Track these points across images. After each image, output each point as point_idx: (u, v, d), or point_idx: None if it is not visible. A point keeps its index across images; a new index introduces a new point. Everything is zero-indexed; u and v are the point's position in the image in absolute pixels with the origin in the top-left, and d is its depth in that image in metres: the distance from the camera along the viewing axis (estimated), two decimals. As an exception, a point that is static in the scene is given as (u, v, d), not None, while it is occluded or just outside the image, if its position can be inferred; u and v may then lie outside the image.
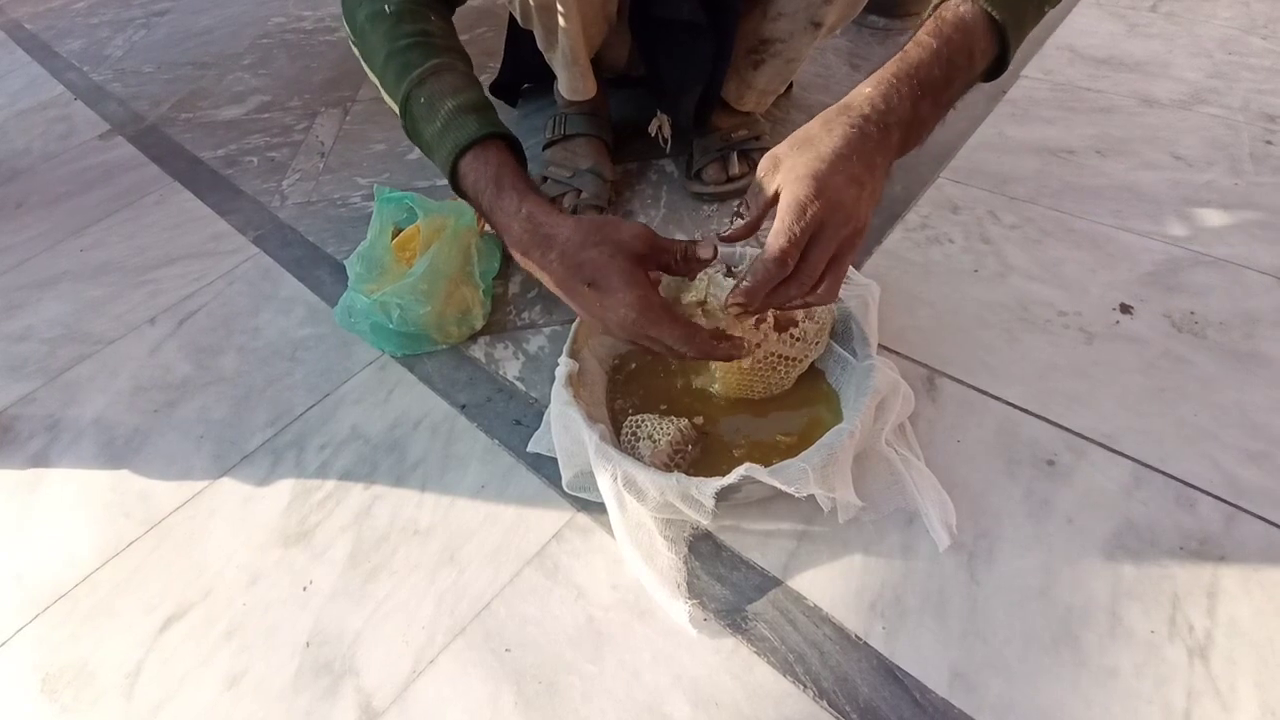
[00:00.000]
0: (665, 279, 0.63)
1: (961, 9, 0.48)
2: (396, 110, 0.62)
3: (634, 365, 0.67)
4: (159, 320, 0.86)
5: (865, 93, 0.48)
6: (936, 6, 0.50)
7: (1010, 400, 0.64)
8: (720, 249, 0.53)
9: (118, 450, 0.71)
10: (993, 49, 0.50)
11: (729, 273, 0.61)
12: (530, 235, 0.53)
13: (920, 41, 0.48)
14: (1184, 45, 1.11)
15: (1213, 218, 0.80)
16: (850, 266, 0.72)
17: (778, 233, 0.45)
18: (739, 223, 0.50)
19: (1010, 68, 0.52)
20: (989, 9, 0.48)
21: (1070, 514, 0.55)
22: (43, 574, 0.62)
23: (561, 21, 0.74)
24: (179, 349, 0.82)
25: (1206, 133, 0.92)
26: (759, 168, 0.49)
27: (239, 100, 1.31)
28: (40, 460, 0.72)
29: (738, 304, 0.47)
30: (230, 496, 0.66)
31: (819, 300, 0.49)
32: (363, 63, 0.65)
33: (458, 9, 0.69)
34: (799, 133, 0.48)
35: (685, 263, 0.53)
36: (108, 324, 0.86)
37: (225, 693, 0.53)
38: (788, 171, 0.47)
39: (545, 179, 0.90)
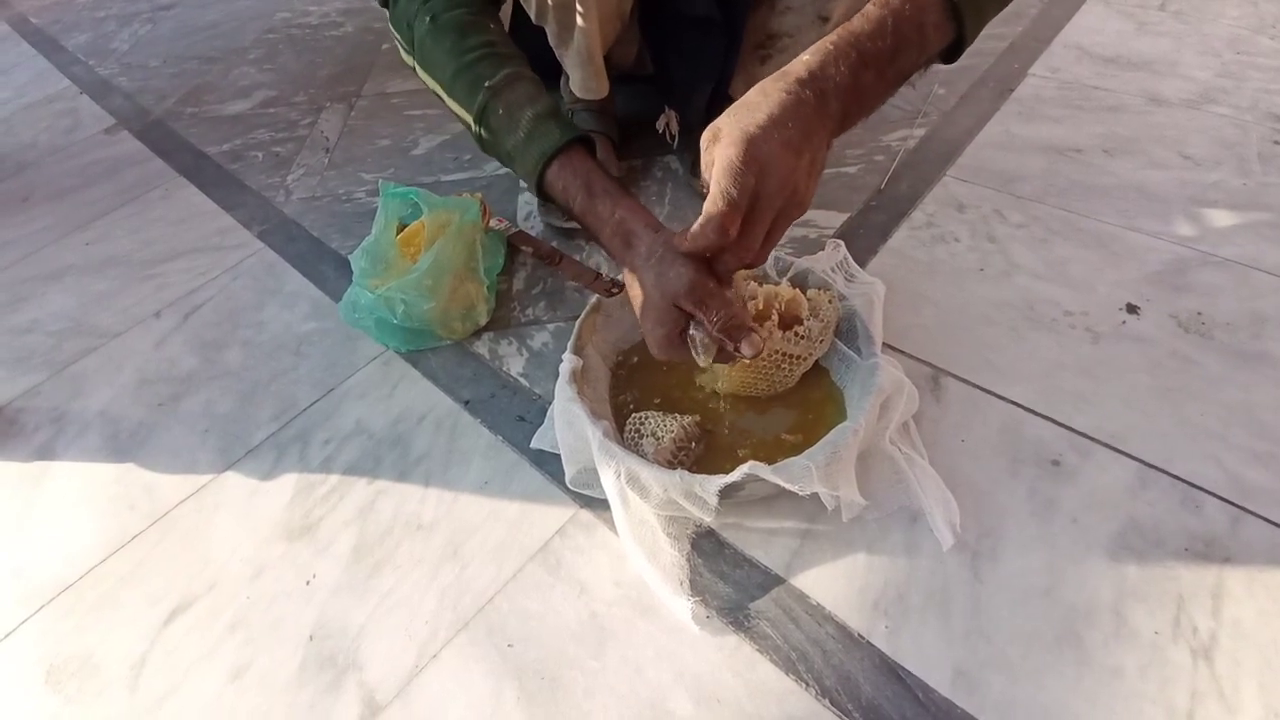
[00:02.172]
0: None
1: None
2: (471, 119, 0.63)
3: (636, 359, 0.67)
4: (164, 314, 0.86)
5: (804, 59, 0.47)
6: None
7: (1015, 399, 0.63)
8: None
9: (123, 443, 0.72)
10: (948, 26, 0.49)
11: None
12: (620, 240, 0.56)
13: (866, 12, 0.48)
14: (1192, 44, 1.10)
15: (1220, 218, 0.80)
16: (855, 264, 0.73)
17: (714, 198, 0.45)
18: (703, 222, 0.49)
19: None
20: None
21: (1075, 514, 0.55)
22: (47, 566, 0.62)
23: (579, 20, 0.74)
24: (184, 343, 0.82)
25: (1215, 132, 0.92)
26: (702, 140, 0.49)
27: (244, 95, 1.31)
28: (45, 453, 0.72)
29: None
30: (234, 490, 0.66)
31: (752, 265, 0.50)
32: (420, 71, 0.66)
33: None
34: (738, 101, 0.48)
35: (720, 333, 0.50)
36: (113, 317, 0.87)
37: (229, 685, 0.53)
38: (724, 139, 0.46)
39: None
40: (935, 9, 0.48)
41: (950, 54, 0.51)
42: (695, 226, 0.48)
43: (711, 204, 0.46)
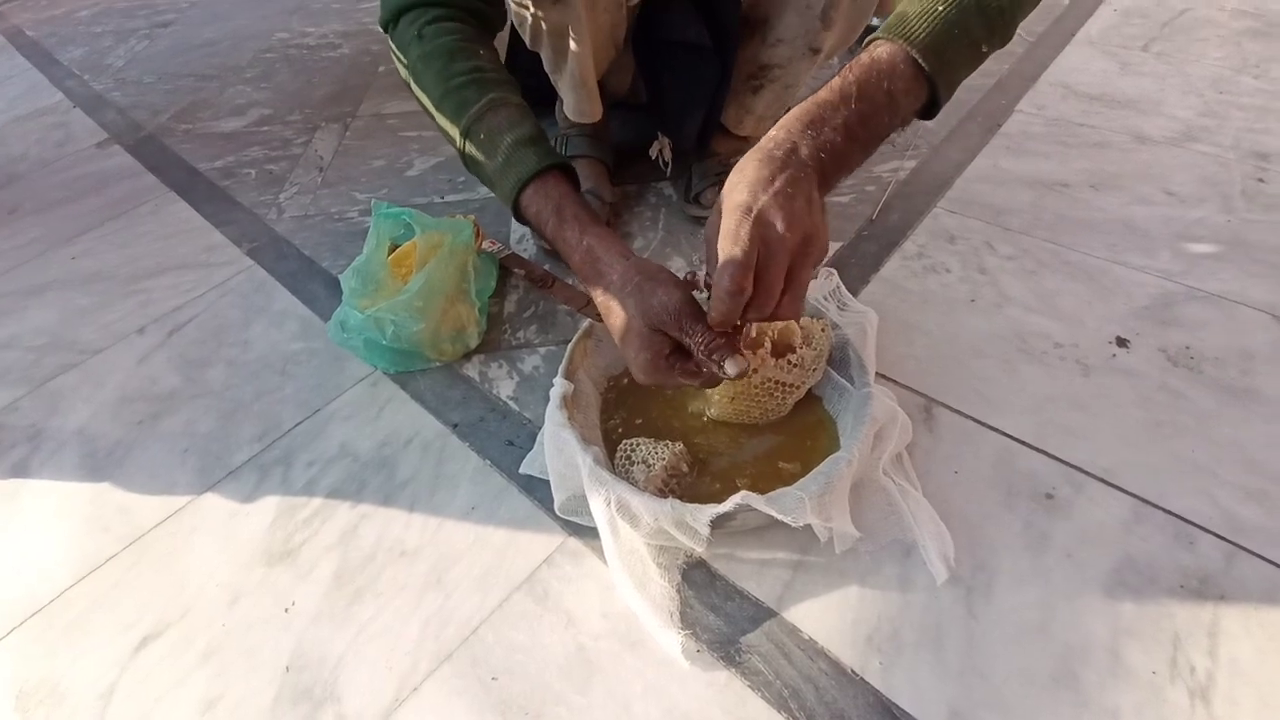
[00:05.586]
0: None
1: (879, 49, 0.50)
2: (456, 143, 0.64)
3: (627, 383, 0.67)
4: (148, 330, 0.85)
5: (769, 134, 0.50)
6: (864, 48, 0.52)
7: (1008, 431, 0.63)
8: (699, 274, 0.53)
9: (100, 462, 0.70)
10: (920, 89, 0.51)
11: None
12: (589, 267, 0.57)
13: (830, 84, 0.50)
14: (1176, 84, 1.13)
15: (1206, 253, 0.81)
16: (848, 293, 0.73)
17: (722, 265, 0.46)
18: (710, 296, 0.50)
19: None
20: (909, 49, 0.49)
21: (1069, 549, 0.54)
22: (18, 588, 0.60)
23: (573, 45, 0.75)
24: (167, 360, 0.80)
25: (1198, 170, 0.94)
26: (706, 237, 0.50)
27: (239, 113, 1.31)
28: (20, 471, 0.70)
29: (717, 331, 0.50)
30: (213, 513, 0.64)
31: (782, 316, 0.50)
32: (415, 88, 0.67)
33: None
34: (722, 192, 0.49)
35: (704, 355, 0.50)
36: (95, 333, 0.85)
37: (201, 717, 0.51)
38: (720, 216, 0.48)
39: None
40: (903, 76, 0.50)
41: (927, 112, 0.53)
42: (713, 300, 0.47)
43: (719, 271, 0.46)
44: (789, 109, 0.51)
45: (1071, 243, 0.83)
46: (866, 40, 0.52)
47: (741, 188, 0.47)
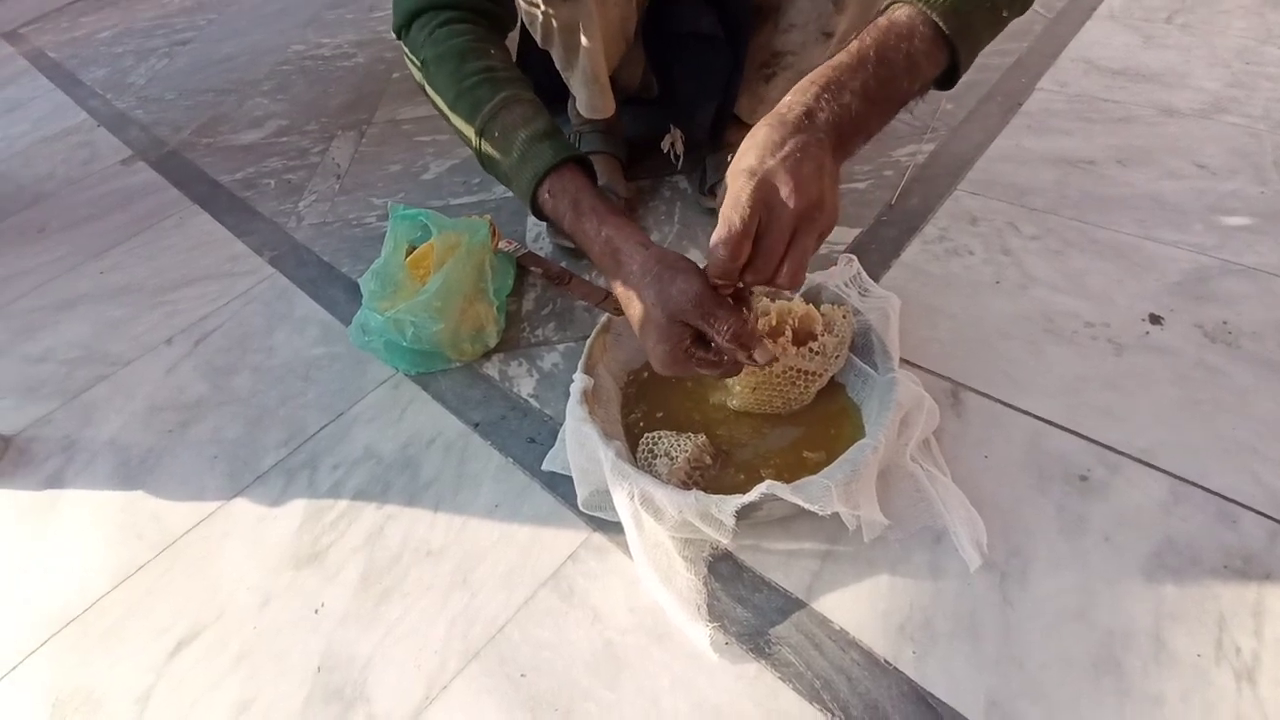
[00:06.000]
0: None
1: (899, 12, 0.48)
2: (472, 142, 0.65)
3: (647, 376, 0.66)
4: (176, 340, 0.86)
5: (785, 99, 0.48)
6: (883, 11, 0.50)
7: (1038, 414, 0.62)
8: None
9: (132, 471, 0.71)
10: (940, 54, 0.49)
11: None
12: (609, 258, 0.56)
13: (849, 47, 0.48)
14: (1201, 56, 1.09)
15: (1240, 226, 0.78)
16: (869, 279, 0.71)
17: (719, 225, 0.46)
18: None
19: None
20: (928, 11, 0.47)
21: (1107, 531, 0.53)
22: (55, 597, 0.61)
23: (584, 41, 0.75)
24: (194, 369, 0.82)
25: (1229, 142, 0.91)
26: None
27: (258, 125, 1.33)
28: (55, 481, 0.71)
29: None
30: (243, 517, 0.65)
31: (782, 286, 0.49)
32: (429, 91, 0.67)
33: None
34: (734, 158, 0.48)
35: (730, 343, 0.49)
36: (125, 345, 0.87)
37: None
38: (728, 184, 0.47)
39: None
40: (924, 38, 0.48)
41: (945, 81, 0.51)
42: (708, 261, 0.48)
43: (717, 230, 0.46)
44: None
45: (1099, 220, 0.81)
46: (886, 4, 0.50)
47: (750, 153, 0.46)
